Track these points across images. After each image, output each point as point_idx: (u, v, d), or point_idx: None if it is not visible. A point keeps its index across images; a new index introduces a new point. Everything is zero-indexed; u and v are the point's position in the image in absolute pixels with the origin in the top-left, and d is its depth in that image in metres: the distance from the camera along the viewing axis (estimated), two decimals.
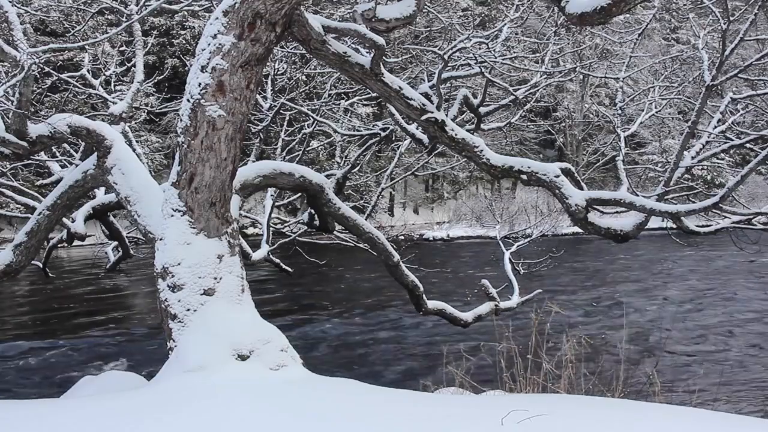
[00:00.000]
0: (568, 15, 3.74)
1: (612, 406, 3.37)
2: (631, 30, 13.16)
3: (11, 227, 24.00)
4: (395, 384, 7.31)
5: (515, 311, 8.09)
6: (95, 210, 6.70)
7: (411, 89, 5.06)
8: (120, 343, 10.81)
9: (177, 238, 4.00)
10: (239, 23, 3.84)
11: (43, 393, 7.97)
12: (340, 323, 12.13)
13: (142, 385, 3.96)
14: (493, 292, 7.78)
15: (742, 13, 6.42)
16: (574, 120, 37.80)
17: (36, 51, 5.07)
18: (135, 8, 7.95)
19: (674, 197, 7.42)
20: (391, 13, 4.08)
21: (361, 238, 6.56)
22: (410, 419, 2.92)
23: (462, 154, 5.30)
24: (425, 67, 10.37)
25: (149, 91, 21.08)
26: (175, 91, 13.73)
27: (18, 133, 4.80)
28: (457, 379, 4.91)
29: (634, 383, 5.68)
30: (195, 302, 3.91)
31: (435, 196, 39.22)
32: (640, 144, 35.11)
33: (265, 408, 3.04)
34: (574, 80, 32.60)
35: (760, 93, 7.04)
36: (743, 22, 6.22)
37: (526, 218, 22.23)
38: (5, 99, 6.85)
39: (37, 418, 3.05)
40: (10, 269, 5.39)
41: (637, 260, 20.53)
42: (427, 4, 8.84)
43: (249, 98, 4.01)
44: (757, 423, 3.18)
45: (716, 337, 10.67)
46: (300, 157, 10.17)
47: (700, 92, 6.05)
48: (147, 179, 4.83)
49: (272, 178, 5.36)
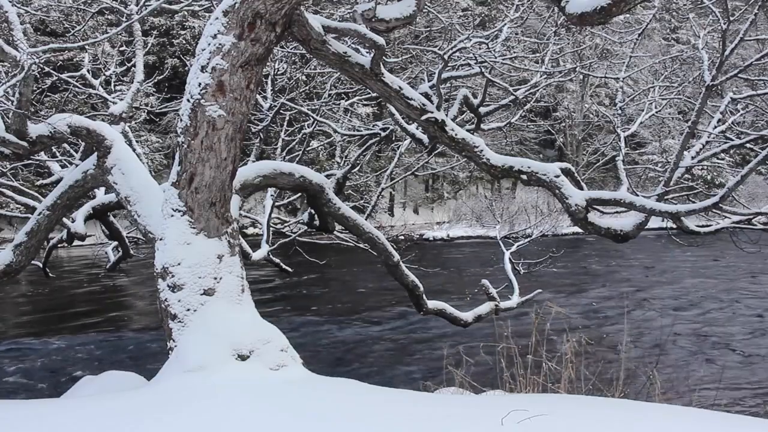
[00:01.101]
0: (568, 15, 3.74)
1: (612, 406, 3.37)
2: (631, 30, 13.15)
3: (11, 227, 24.00)
4: (395, 384, 7.31)
5: (515, 311, 8.09)
6: (95, 210, 6.70)
7: (411, 89, 5.05)
8: (120, 343, 10.81)
9: (177, 238, 4.00)
10: (239, 23, 3.84)
11: (43, 393, 7.98)
12: (340, 323, 12.13)
13: (142, 385, 3.96)
14: (493, 292, 7.78)
15: (742, 13, 6.41)
16: (574, 120, 37.81)
17: (36, 51, 5.07)
18: (135, 8, 7.95)
19: (674, 197, 7.42)
20: (391, 13, 4.08)
21: (361, 238, 6.56)
22: (410, 419, 2.92)
23: (462, 154, 5.30)
24: (425, 67, 10.37)
25: (149, 91, 21.08)
26: (175, 91, 13.72)
27: (18, 133, 4.79)
28: (457, 379, 4.91)
29: (634, 383, 5.68)
30: (195, 302, 3.91)
31: (435, 196, 39.23)
32: (640, 144, 35.12)
33: (265, 408, 3.04)
34: (574, 80, 32.61)
35: (760, 93, 7.03)
36: (743, 22, 6.21)
37: (526, 218, 22.24)
38: (5, 99, 6.85)
39: (37, 418, 3.05)
40: (10, 269, 5.39)
41: (637, 260, 20.53)
42: (427, 4, 8.84)
43: (249, 98, 4.01)
44: (757, 423, 3.18)
45: (716, 337, 10.67)
46: (300, 157, 10.16)
47: (700, 92, 6.05)
48: (147, 179, 4.83)
49: (272, 178, 5.36)
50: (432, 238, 30.25)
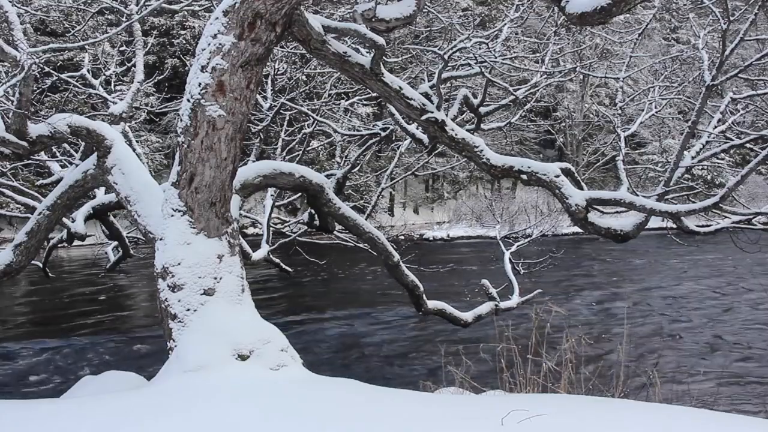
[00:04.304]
0: (568, 15, 3.74)
1: (612, 406, 3.37)
2: (631, 30, 13.14)
3: (11, 227, 24.00)
4: (395, 384, 7.30)
5: (515, 311, 8.09)
6: (95, 210, 6.70)
7: (411, 89, 5.06)
8: (120, 343, 10.82)
9: (177, 238, 4.00)
10: (239, 23, 3.84)
11: (43, 393, 7.98)
12: (340, 323, 12.13)
13: (142, 385, 3.96)
14: (493, 292, 7.78)
15: (742, 13, 6.42)
16: (574, 120, 37.80)
17: (36, 51, 5.07)
18: (135, 8, 7.95)
19: (674, 197, 7.42)
20: (391, 13, 4.08)
21: (361, 238, 6.57)
22: (410, 419, 2.92)
23: (462, 154, 5.31)
24: (425, 67, 10.37)
25: (149, 91, 21.08)
26: (175, 91, 13.72)
27: (18, 133, 4.79)
28: (457, 379, 4.91)
29: (634, 383, 5.68)
30: (195, 302, 3.91)
31: (435, 196, 39.23)
32: (640, 144, 35.13)
33: (265, 408, 3.03)
34: (574, 80, 32.60)
35: (760, 93, 7.03)
36: (743, 22, 6.21)
37: (526, 218, 22.27)
38: (5, 99, 6.85)
39: (37, 418, 3.05)
40: (10, 269, 5.39)
41: (637, 260, 20.53)
42: (427, 4, 8.83)
43: (249, 98, 4.01)
44: (757, 423, 3.18)
45: (716, 337, 10.67)
46: (300, 157, 10.17)
47: (700, 92, 6.05)
48: (147, 179, 4.83)
49: (272, 178, 5.37)
50: (432, 238, 30.24)
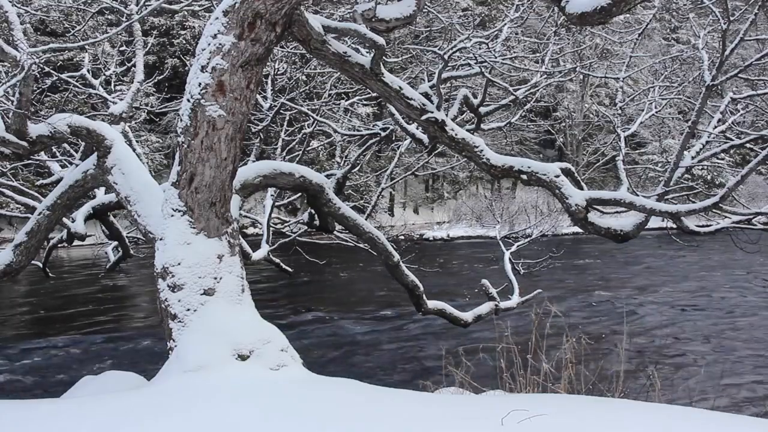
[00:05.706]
0: (568, 15, 3.74)
1: (612, 406, 3.37)
2: (631, 30, 13.15)
3: (11, 227, 24.01)
4: (395, 384, 7.31)
5: (515, 311, 8.09)
6: (95, 210, 6.70)
7: (411, 89, 5.06)
8: (120, 343, 10.81)
9: (177, 238, 4.00)
10: (239, 23, 3.84)
11: (43, 393, 7.97)
12: (340, 323, 12.13)
13: (142, 385, 3.96)
14: (493, 292, 7.78)
15: (742, 13, 6.42)
16: (574, 120, 37.82)
17: (36, 51, 5.08)
18: (135, 8, 7.95)
19: (674, 197, 7.42)
20: (391, 13, 4.08)
21: (361, 238, 6.57)
22: (410, 419, 2.92)
23: (462, 154, 5.31)
24: (425, 67, 10.37)
25: (149, 91, 21.07)
26: (175, 91, 13.72)
27: (18, 133, 4.79)
28: (457, 379, 4.90)
29: (634, 383, 5.68)
30: (195, 302, 3.91)
31: (435, 196, 39.24)
32: (640, 144, 35.15)
33: (265, 408, 3.03)
34: (574, 80, 32.61)
35: (760, 93, 7.04)
36: (743, 22, 6.21)
37: (526, 218, 22.28)
38: (5, 99, 6.85)
39: (37, 418, 3.05)
40: (10, 269, 5.39)
41: (637, 260, 20.53)
42: (427, 4, 8.83)
43: (249, 98, 4.01)
44: (757, 423, 3.18)
45: (716, 337, 10.67)
46: (300, 157, 10.16)
47: (700, 92, 6.05)
48: (147, 179, 4.83)
49: (272, 178, 5.36)
50: (432, 238, 30.24)
